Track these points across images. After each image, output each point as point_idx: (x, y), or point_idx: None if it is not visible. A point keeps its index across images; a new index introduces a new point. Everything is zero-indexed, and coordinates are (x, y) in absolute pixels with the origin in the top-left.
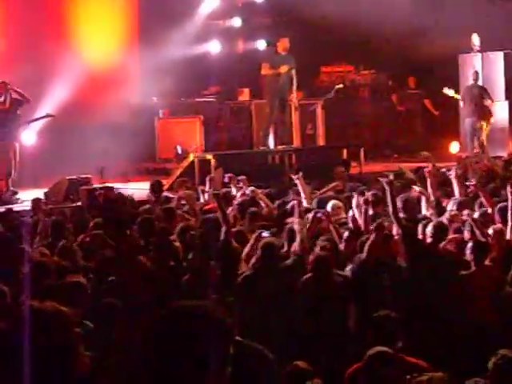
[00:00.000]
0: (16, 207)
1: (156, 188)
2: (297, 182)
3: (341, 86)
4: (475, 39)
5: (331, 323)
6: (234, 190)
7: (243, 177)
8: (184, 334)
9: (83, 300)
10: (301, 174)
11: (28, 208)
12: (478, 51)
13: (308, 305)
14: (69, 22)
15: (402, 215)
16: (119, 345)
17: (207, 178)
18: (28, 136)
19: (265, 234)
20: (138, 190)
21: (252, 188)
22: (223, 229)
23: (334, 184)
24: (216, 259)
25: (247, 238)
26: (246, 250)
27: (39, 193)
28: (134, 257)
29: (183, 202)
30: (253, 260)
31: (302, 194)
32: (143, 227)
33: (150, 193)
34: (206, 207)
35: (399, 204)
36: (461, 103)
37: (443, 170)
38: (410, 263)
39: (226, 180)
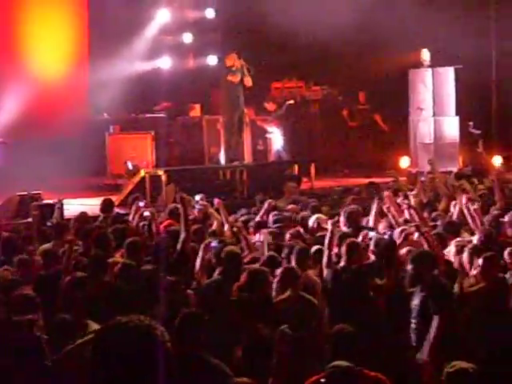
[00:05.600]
0: None
1: (107, 206)
2: (216, 205)
3: (291, 101)
4: (425, 54)
5: None
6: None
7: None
8: (121, 351)
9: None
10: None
11: None
12: (429, 66)
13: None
14: (17, 37)
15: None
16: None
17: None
18: None
19: (213, 243)
20: (89, 206)
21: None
22: (181, 237)
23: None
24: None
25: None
26: (198, 261)
27: None
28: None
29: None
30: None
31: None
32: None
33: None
34: (164, 224)
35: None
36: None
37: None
38: None
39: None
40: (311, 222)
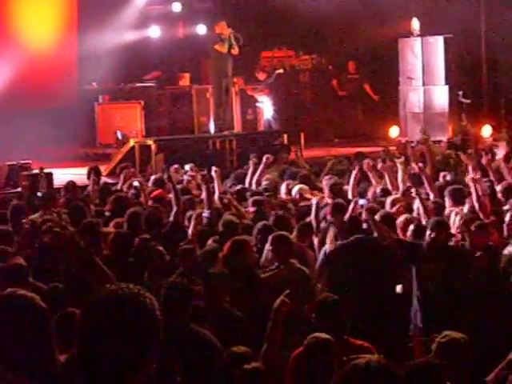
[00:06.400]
0: None
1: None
2: (213, 174)
3: (281, 70)
4: (415, 23)
5: None
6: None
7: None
8: (109, 321)
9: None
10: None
11: None
12: (418, 35)
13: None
14: (6, 8)
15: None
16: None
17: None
18: None
19: (205, 214)
20: (78, 175)
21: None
22: (174, 210)
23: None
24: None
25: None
26: (191, 230)
27: None
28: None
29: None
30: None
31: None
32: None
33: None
34: (153, 194)
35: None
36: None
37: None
38: None
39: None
40: (294, 192)
